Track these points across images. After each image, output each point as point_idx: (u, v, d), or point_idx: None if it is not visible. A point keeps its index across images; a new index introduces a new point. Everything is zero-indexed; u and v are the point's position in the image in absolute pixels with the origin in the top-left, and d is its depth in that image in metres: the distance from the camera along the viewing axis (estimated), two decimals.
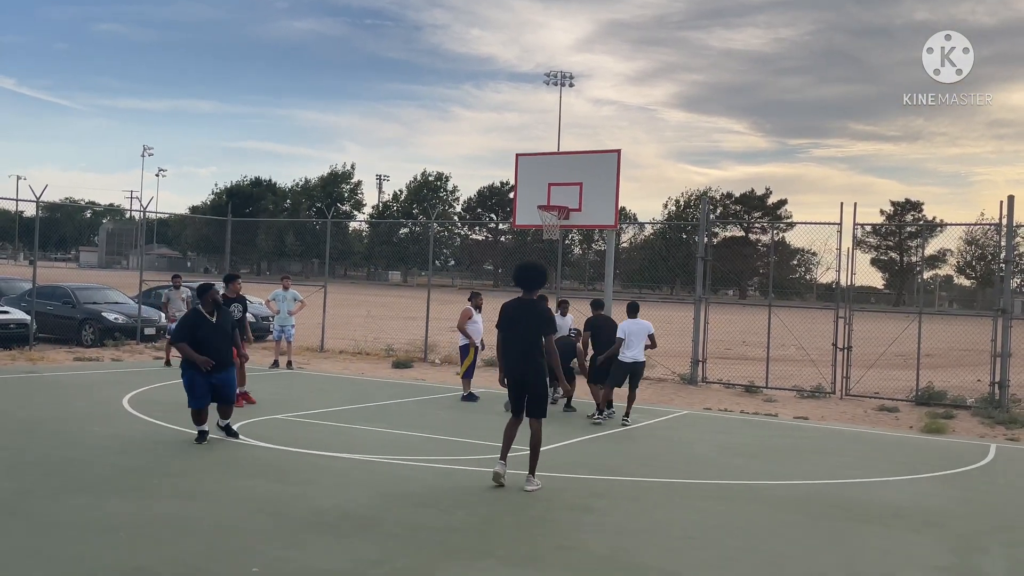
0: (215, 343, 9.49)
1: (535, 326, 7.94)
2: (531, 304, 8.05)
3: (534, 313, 8.00)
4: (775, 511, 7.73)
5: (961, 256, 65.04)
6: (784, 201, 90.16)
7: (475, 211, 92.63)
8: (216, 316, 9.63)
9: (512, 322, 8.03)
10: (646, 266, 76.18)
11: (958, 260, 67.46)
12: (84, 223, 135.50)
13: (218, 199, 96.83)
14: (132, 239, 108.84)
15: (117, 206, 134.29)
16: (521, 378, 7.99)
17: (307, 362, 19.10)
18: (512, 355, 8.03)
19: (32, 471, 7.89)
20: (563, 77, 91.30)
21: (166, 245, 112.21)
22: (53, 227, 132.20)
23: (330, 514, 6.82)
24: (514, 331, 8.03)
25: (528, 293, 8.08)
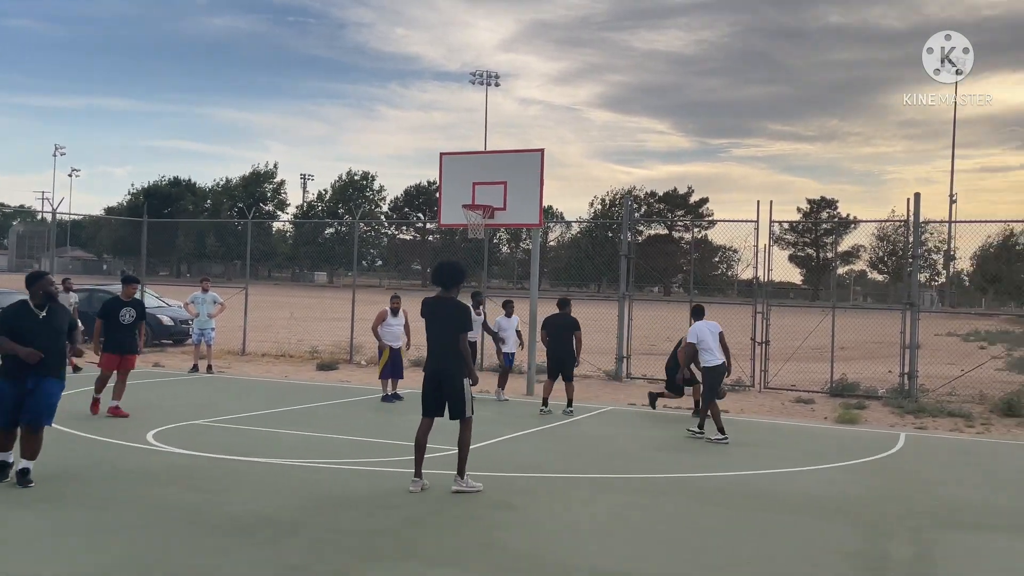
0: (40, 342, 7.59)
1: (450, 324, 7.91)
2: (446, 302, 8.03)
3: (449, 311, 7.97)
4: (695, 503, 7.88)
5: (874, 252, 67.39)
6: (706, 200, 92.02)
7: (402, 211, 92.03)
8: (46, 311, 7.79)
9: (429, 319, 8.02)
10: (573, 264, 76.84)
11: (871, 256, 69.87)
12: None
13: (135, 200, 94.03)
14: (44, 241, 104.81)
15: (28, 207, 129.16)
16: (437, 376, 7.96)
17: (228, 366, 18.70)
18: (430, 352, 8.02)
19: None
20: (489, 77, 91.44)
21: (81, 247, 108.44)
22: None
23: (249, 520, 6.69)
24: (431, 328, 8.01)
25: (446, 291, 8.06)
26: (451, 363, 7.89)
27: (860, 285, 76.21)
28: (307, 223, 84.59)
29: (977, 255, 56.89)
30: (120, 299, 11.92)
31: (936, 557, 6.55)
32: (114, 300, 11.93)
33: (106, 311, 11.76)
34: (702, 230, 67.31)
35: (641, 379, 18.33)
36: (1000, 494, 8.78)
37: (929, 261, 68.55)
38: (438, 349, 7.94)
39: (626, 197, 20.37)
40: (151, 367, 18.19)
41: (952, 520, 7.63)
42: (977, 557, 6.53)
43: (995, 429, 13.46)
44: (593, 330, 19.24)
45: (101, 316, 11.76)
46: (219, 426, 11.10)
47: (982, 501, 8.41)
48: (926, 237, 65.92)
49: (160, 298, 24.56)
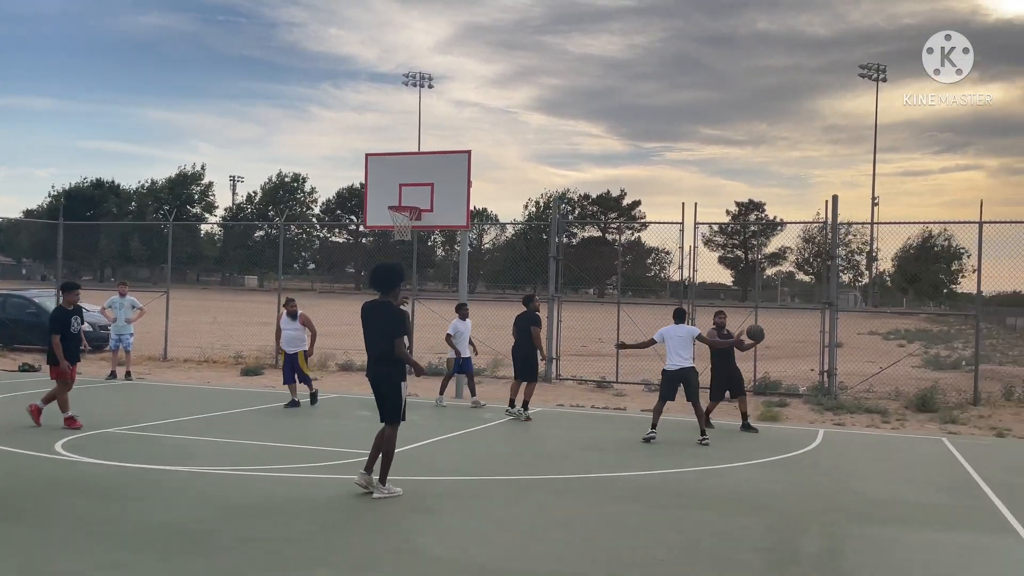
0: None
1: (387, 329, 7.78)
2: (384, 306, 7.90)
3: (386, 315, 7.84)
4: (617, 502, 7.91)
5: (799, 254, 69.09)
6: (638, 202, 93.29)
7: (334, 213, 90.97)
8: None
9: (366, 323, 7.89)
10: (508, 266, 76.97)
11: (797, 257, 71.62)
12: None
13: (55, 202, 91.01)
14: None
15: None
16: (373, 381, 7.86)
17: (148, 372, 18.20)
18: (368, 357, 7.90)
19: None
20: (421, 78, 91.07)
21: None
22: None
23: (158, 530, 6.47)
24: (368, 333, 7.88)
25: (384, 295, 7.93)
26: (388, 367, 7.78)
27: (788, 286, 78.04)
28: (233, 225, 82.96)
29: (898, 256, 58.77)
30: (65, 308, 11.43)
31: (845, 551, 6.68)
32: (61, 310, 11.43)
33: (61, 322, 11.22)
34: (634, 232, 68.06)
35: (570, 380, 18.42)
36: (911, 488, 9.03)
37: (852, 262, 70.63)
38: (375, 354, 7.84)
39: (555, 200, 20.40)
40: None
41: (865, 514, 7.81)
42: (884, 551, 6.68)
43: (909, 425, 13.87)
44: None
45: (58, 330, 11.17)
46: (133, 434, 10.76)
47: (895, 495, 8.63)
48: (849, 239, 67.98)
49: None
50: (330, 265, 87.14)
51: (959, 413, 14.82)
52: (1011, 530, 7.36)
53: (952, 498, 8.61)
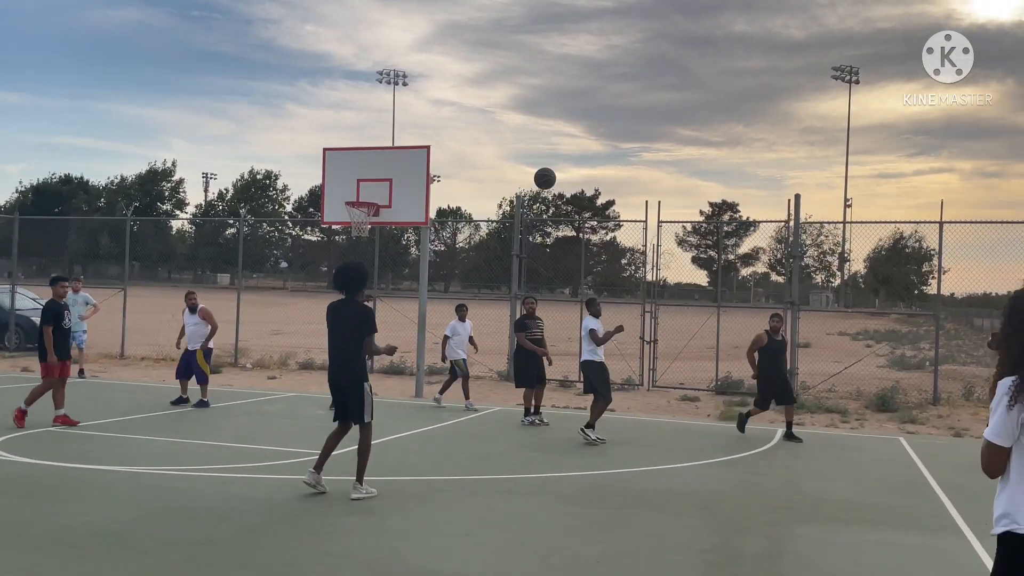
0: None
1: (355, 328, 7.64)
2: (350, 305, 7.76)
3: (353, 314, 7.71)
4: (558, 503, 7.77)
5: (772, 254, 69.43)
6: (612, 202, 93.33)
7: (306, 210, 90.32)
8: None
9: (332, 323, 7.74)
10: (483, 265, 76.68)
11: (769, 258, 71.97)
12: None
13: (23, 198, 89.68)
14: None
15: None
16: (336, 382, 7.70)
17: (104, 370, 17.85)
18: (331, 358, 7.75)
19: None
20: (396, 76, 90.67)
21: None
22: None
23: (78, 532, 6.24)
24: (333, 333, 7.73)
25: (350, 294, 7.78)
26: (352, 368, 7.65)
27: (762, 287, 78.41)
28: (202, 222, 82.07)
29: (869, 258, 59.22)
30: (57, 301, 11.26)
31: (785, 552, 6.58)
32: (54, 302, 11.22)
33: (54, 314, 11.08)
34: (608, 232, 68.08)
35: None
36: (861, 488, 8.96)
37: (824, 263, 71.05)
38: (341, 355, 7.68)
39: (518, 199, 20.25)
40: (20, 371, 17.23)
41: (811, 515, 7.71)
42: (825, 551, 6.58)
43: (868, 424, 13.85)
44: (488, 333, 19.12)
45: (50, 322, 11.03)
46: (76, 433, 10.49)
47: (843, 495, 8.54)
48: (820, 239, 68.37)
49: (36, 299, 23.33)
50: (303, 263, 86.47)
51: (918, 413, 14.82)
52: (956, 530, 7.29)
53: (902, 498, 8.54)
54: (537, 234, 78.68)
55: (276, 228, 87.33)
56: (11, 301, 21.53)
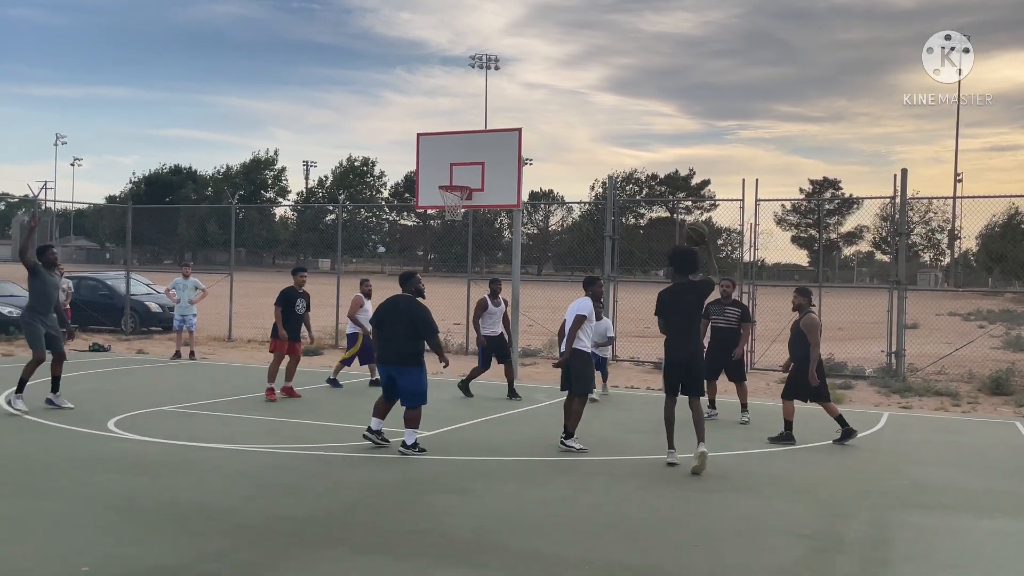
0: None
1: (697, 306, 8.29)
2: (690, 285, 8.31)
3: (696, 292, 8.28)
4: (653, 485, 7.69)
5: (877, 232, 66.86)
6: (707, 182, 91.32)
7: (402, 196, 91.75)
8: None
9: (673, 307, 8.17)
10: (575, 248, 76.33)
11: (874, 236, 69.32)
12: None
13: (136, 188, 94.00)
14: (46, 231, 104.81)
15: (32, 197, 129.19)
16: (688, 359, 8.15)
17: (212, 352, 18.58)
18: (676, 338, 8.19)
19: None
20: (488, 60, 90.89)
21: (85, 237, 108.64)
22: None
23: (185, 507, 6.53)
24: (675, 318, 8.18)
25: (682, 276, 8.28)
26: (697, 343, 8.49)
27: (867, 266, 75.62)
28: (299, 209, 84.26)
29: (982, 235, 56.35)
30: (295, 288, 12.42)
31: (890, 538, 6.34)
32: (291, 289, 12.45)
33: (286, 299, 12.29)
34: (704, 212, 66.78)
35: (628, 361, 18.13)
36: (971, 473, 8.56)
37: (933, 241, 68.00)
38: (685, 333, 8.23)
39: (610, 180, 20.05)
40: (135, 354, 18.10)
41: (916, 500, 7.42)
42: (932, 537, 6.32)
43: (981, 408, 13.22)
44: None
45: (281, 303, 12.28)
46: (185, 412, 10.95)
47: (951, 481, 8.19)
48: (929, 216, 65.42)
49: (150, 285, 24.48)
50: (400, 248, 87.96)
51: None
52: None
53: (1016, 484, 8.12)
54: (630, 215, 77.89)
55: (374, 214, 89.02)
56: (127, 286, 22.63)
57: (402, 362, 8.56)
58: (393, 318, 8.67)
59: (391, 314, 8.72)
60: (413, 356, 8.57)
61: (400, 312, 8.67)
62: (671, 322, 8.29)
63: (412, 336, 8.57)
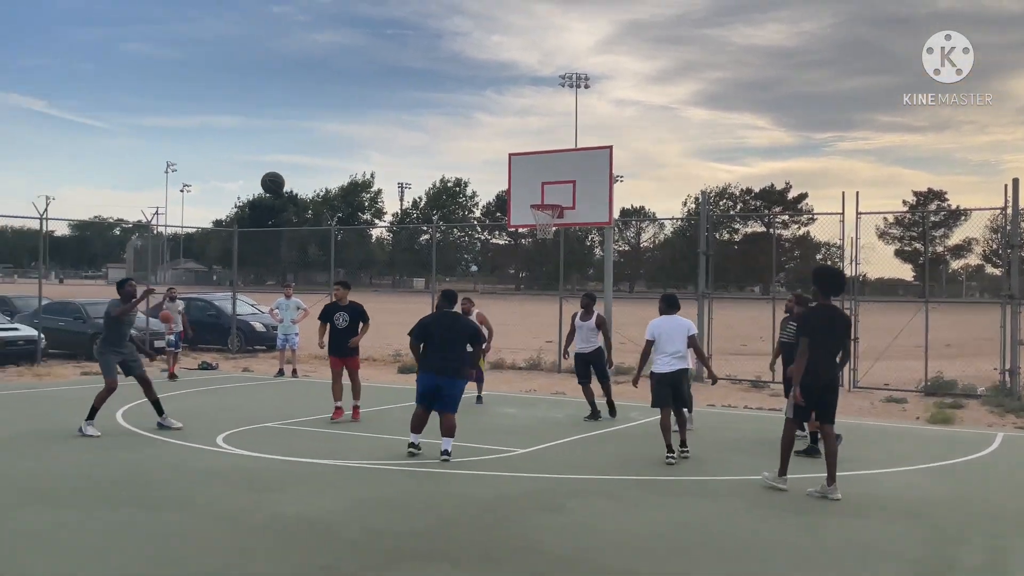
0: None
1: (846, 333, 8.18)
2: (838, 310, 8.29)
3: (844, 319, 8.24)
4: (752, 506, 7.54)
5: (987, 245, 63.88)
6: (805, 195, 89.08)
7: (494, 215, 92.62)
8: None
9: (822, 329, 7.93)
10: (667, 264, 75.60)
11: (984, 249, 66.24)
12: (114, 240, 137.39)
13: (241, 212, 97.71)
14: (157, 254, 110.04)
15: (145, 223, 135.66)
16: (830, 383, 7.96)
17: (314, 370, 19.10)
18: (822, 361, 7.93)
19: (2, 485, 7.89)
20: (578, 79, 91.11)
21: (193, 259, 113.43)
22: (84, 245, 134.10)
23: (291, 521, 6.74)
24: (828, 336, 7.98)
25: (826, 297, 8.13)
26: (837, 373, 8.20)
27: (976, 280, 72.28)
28: (395, 230, 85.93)
29: None
30: (337, 304, 12.20)
31: (1004, 565, 6.05)
32: (331, 304, 12.24)
33: (326, 314, 12.05)
34: (801, 226, 65.15)
35: (724, 379, 17.80)
36: None
37: None
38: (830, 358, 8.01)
39: (703, 195, 19.79)
40: (241, 372, 18.77)
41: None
42: None
43: None
44: None
45: (322, 319, 12.09)
46: (288, 429, 11.31)
47: None
48: None
49: (254, 305, 25.39)
50: (492, 266, 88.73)
51: None
52: None
53: None
54: (724, 231, 76.63)
55: (466, 233, 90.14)
56: (233, 307, 23.53)
57: (456, 375, 9.20)
58: (451, 334, 9.20)
59: (448, 330, 9.22)
60: (464, 369, 9.36)
61: (459, 328, 9.32)
62: (819, 343, 7.91)
63: (464, 351, 9.31)
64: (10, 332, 19.15)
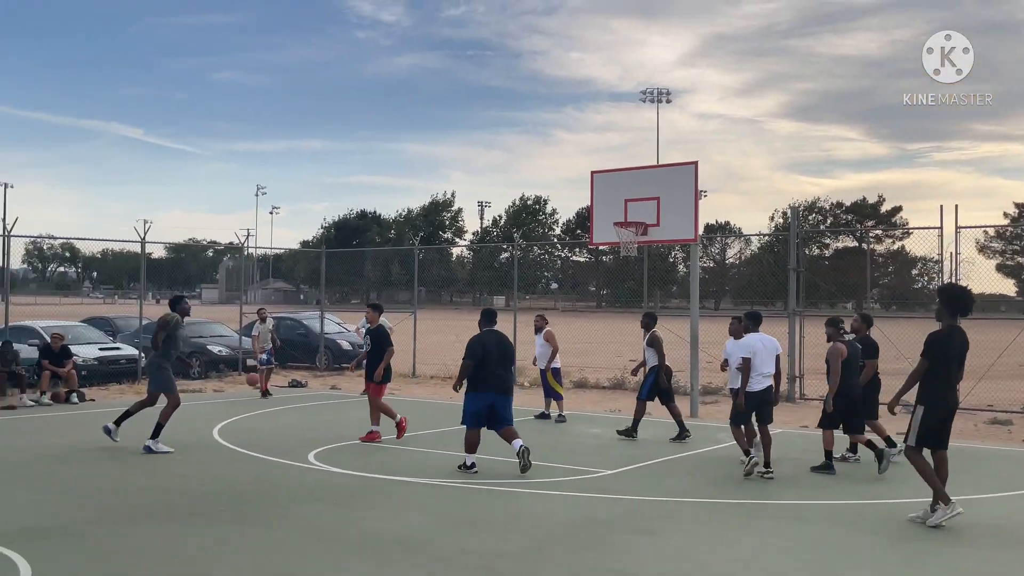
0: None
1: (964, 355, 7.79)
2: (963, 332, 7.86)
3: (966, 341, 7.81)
4: (849, 531, 7.27)
5: None
6: (898, 208, 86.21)
7: (574, 232, 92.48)
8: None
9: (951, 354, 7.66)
10: (755, 281, 74.05)
11: None
12: (207, 261, 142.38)
13: (327, 233, 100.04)
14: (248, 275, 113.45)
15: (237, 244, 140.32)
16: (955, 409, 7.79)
17: (398, 388, 19.32)
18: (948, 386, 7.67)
19: (107, 499, 8.20)
20: (659, 94, 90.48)
21: (282, 279, 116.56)
22: (179, 266, 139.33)
23: (381, 538, 6.81)
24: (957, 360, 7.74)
25: (954, 318, 7.75)
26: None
27: None
28: (475, 248, 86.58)
29: None
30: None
31: None
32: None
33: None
34: (895, 240, 63.09)
35: (817, 400, 17.29)
36: None
37: None
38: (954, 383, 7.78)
39: (793, 210, 19.31)
40: (329, 389, 19.14)
41: None
42: None
43: None
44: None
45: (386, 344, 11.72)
46: (376, 446, 11.45)
47: None
48: None
49: (340, 324, 25.89)
50: (572, 284, 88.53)
51: None
52: None
53: None
54: (814, 246, 74.77)
55: (546, 251, 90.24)
56: (321, 326, 24.05)
57: (510, 392, 9.64)
58: (502, 354, 9.56)
59: (501, 350, 9.56)
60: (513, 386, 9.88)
61: (507, 347, 9.71)
62: (946, 368, 7.59)
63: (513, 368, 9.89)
64: (112, 351, 19.97)
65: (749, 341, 9.69)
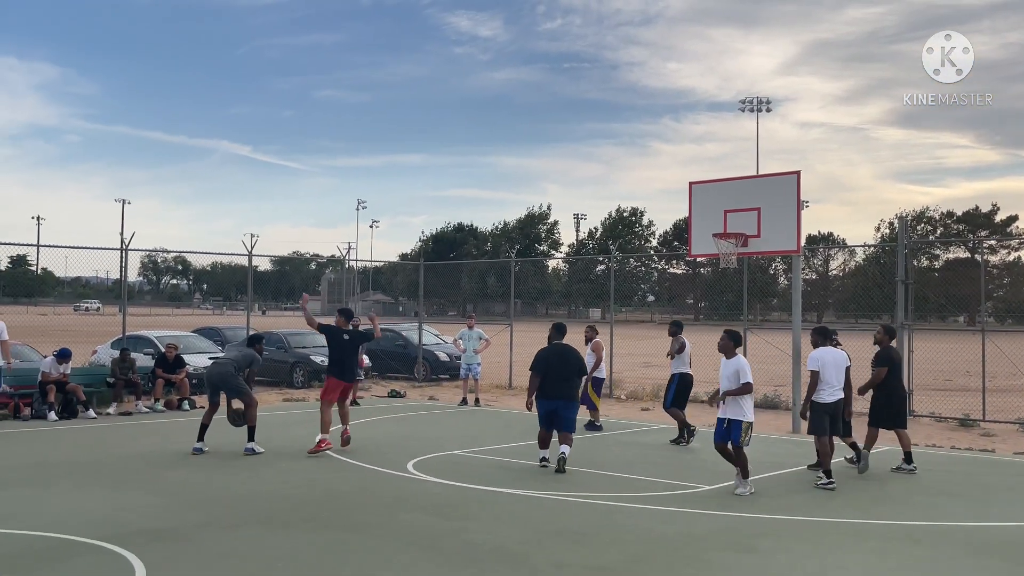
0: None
1: None
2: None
3: None
4: (967, 555, 6.94)
5: None
6: (1014, 217, 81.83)
7: (671, 244, 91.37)
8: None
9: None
10: (859, 293, 71.58)
11: None
12: (310, 274, 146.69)
13: (425, 246, 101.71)
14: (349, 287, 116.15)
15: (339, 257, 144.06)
16: None
17: (495, 399, 19.46)
18: None
19: (216, 504, 8.51)
20: (759, 103, 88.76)
21: (381, 291, 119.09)
22: (283, 279, 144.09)
23: (481, 549, 6.86)
24: None
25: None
26: None
27: None
28: (571, 260, 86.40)
29: None
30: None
31: None
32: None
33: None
34: (1011, 251, 60.00)
35: (927, 417, 16.58)
36: None
37: None
38: None
39: (901, 220, 18.57)
40: (427, 400, 19.42)
41: None
42: None
43: None
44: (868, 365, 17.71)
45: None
46: (475, 456, 11.55)
47: None
48: None
49: (438, 335, 26.26)
50: (670, 296, 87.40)
51: None
52: None
53: None
54: (924, 257, 71.82)
55: (643, 263, 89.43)
56: (419, 337, 24.44)
57: (573, 398, 10.60)
58: (563, 365, 10.52)
59: (562, 361, 10.54)
60: (576, 393, 10.74)
61: (572, 358, 10.63)
62: None
63: (576, 379, 10.70)
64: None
65: (819, 355, 10.11)
